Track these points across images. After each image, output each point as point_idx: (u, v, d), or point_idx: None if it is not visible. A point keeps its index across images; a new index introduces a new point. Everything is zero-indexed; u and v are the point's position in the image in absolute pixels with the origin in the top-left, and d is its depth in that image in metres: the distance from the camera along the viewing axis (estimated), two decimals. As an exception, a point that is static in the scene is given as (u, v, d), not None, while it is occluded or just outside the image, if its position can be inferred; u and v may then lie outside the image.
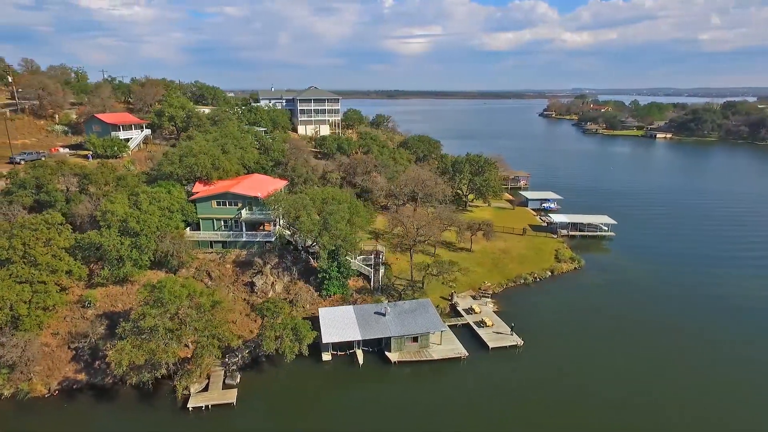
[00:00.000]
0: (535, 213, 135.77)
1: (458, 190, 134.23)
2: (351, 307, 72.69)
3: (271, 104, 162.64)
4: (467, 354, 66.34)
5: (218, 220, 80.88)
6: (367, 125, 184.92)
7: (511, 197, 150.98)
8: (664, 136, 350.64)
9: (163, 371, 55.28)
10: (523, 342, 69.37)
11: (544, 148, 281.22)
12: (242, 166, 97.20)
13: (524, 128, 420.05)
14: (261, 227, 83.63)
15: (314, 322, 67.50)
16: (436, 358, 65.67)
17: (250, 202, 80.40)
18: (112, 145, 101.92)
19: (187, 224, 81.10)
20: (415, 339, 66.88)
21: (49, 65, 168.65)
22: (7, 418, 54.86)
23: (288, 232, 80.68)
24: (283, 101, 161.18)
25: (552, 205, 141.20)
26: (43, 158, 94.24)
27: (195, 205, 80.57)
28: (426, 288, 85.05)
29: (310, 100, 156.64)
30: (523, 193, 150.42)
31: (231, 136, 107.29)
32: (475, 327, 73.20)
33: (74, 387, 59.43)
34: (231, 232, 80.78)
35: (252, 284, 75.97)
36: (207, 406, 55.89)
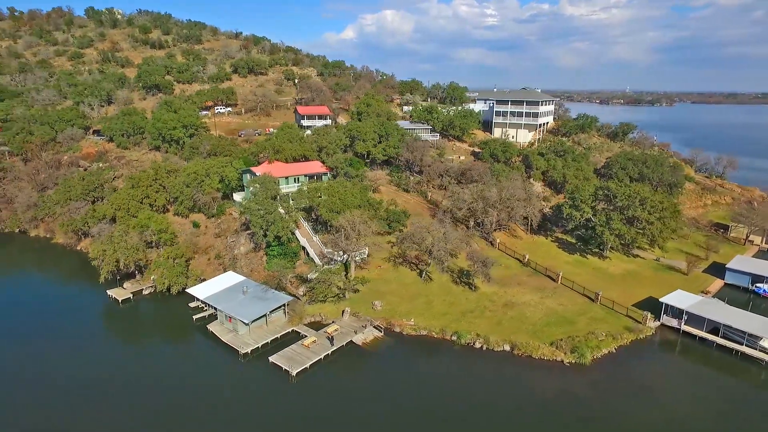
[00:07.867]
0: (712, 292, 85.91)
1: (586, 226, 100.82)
2: (243, 278, 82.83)
3: (485, 105, 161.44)
4: (245, 352, 66.73)
5: (248, 188, 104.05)
6: (601, 135, 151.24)
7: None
8: None
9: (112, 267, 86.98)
10: (296, 375, 61.93)
11: None
12: (322, 152, 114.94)
13: None
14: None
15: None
16: (222, 339, 69.85)
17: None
18: (283, 128, 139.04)
19: (241, 189, 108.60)
20: (229, 319, 72.18)
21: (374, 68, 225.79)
22: (81, 264, 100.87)
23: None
24: (492, 103, 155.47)
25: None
26: (244, 134, 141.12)
27: (242, 175, 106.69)
28: (353, 297, 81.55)
29: (507, 102, 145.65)
30: (736, 259, 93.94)
31: (356, 129, 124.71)
32: (299, 339, 69.26)
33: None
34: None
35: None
36: (111, 296, 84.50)
